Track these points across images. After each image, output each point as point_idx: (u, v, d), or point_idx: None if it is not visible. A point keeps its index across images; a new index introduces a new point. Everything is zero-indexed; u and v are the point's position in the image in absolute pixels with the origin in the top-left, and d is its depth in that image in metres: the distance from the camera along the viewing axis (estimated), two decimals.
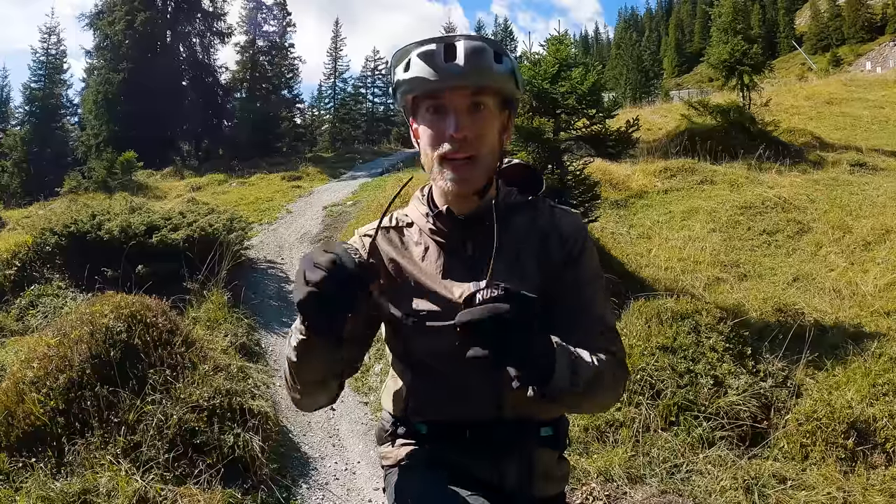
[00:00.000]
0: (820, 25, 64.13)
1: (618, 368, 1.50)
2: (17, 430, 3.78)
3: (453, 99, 1.44)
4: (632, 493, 3.95)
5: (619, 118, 8.20)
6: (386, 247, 1.59)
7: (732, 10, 16.55)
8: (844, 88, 24.60)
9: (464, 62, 1.40)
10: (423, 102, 1.49)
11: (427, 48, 1.42)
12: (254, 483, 3.98)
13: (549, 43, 7.80)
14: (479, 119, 1.46)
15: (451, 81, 1.42)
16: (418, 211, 1.62)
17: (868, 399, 4.57)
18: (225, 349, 5.50)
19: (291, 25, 34.09)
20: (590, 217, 7.36)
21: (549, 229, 1.57)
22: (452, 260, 1.54)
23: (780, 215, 9.54)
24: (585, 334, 1.47)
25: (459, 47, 1.41)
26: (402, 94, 1.52)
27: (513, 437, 1.46)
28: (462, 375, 1.46)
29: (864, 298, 6.68)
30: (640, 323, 5.48)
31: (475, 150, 1.45)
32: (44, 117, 30.69)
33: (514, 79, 1.49)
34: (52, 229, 7.56)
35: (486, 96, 1.47)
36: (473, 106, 1.45)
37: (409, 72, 1.45)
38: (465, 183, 1.46)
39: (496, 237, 1.40)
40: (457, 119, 1.43)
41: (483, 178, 1.50)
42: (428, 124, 1.49)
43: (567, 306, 1.50)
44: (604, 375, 1.42)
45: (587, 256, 1.56)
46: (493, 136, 1.51)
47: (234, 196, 15.47)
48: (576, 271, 1.54)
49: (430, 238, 1.57)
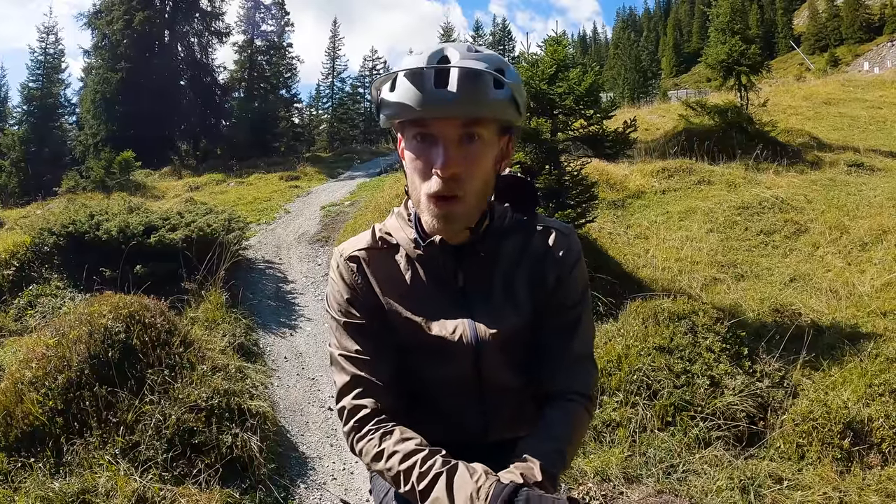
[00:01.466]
0: (818, 26, 64.24)
1: (585, 417, 1.50)
2: (16, 430, 3.79)
3: (442, 129, 1.31)
4: (628, 492, 3.97)
5: (617, 118, 8.22)
6: (374, 271, 1.51)
7: (730, 11, 16.53)
8: (842, 89, 24.62)
9: (456, 88, 1.26)
10: (410, 129, 1.37)
11: (416, 67, 1.29)
12: (252, 483, 3.99)
13: (546, 43, 7.80)
14: (471, 152, 1.34)
15: (439, 110, 1.28)
16: (405, 234, 1.52)
17: (864, 399, 4.58)
18: (223, 349, 5.50)
19: (290, 25, 34.16)
20: (587, 217, 7.37)
21: (543, 252, 1.53)
22: (443, 291, 1.50)
23: (777, 216, 9.56)
24: (567, 362, 1.49)
25: (452, 73, 1.27)
26: (386, 117, 1.38)
27: (496, 455, 1.44)
28: (451, 404, 1.50)
29: (860, 299, 6.69)
30: (636, 323, 5.49)
31: (463, 189, 1.34)
32: (42, 117, 30.59)
33: (514, 105, 1.35)
34: (51, 229, 7.56)
35: (481, 126, 1.33)
36: (466, 137, 1.33)
37: (395, 93, 1.32)
38: (449, 222, 1.37)
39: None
40: (445, 153, 1.31)
41: (472, 216, 1.41)
42: (414, 152, 1.37)
43: (553, 326, 1.51)
44: (576, 441, 1.46)
45: (575, 278, 1.54)
46: (487, 168, 1.40)
47: (232, 196, 15.47)
48: (565, 291, 1.52)
49: (418, 266, 1.50)
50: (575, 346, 1.50)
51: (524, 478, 1.26)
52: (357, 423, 1.42)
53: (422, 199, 1.38)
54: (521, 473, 1.27)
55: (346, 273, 1.51)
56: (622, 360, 5.04)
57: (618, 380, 4.88)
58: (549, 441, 1.36)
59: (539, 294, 1.51)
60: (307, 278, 8.52)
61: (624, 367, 4.96)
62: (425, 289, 1.49)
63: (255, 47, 33.07)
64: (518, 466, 1.30)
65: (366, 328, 1.48)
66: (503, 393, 1.52)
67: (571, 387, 1.47)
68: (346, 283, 1.51)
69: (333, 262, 1.55)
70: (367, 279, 1.50)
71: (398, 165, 18.36)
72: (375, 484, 1.59)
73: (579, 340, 1.51)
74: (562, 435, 1.38)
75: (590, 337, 1.56)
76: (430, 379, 1.50)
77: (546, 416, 1.43)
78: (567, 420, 1.42)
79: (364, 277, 1.50)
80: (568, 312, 1.52)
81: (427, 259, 1.49)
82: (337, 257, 1.54)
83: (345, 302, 1.50)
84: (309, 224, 11.56)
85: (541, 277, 1.51)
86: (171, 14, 29.92)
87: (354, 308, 1.49)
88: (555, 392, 1.47)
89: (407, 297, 1.49)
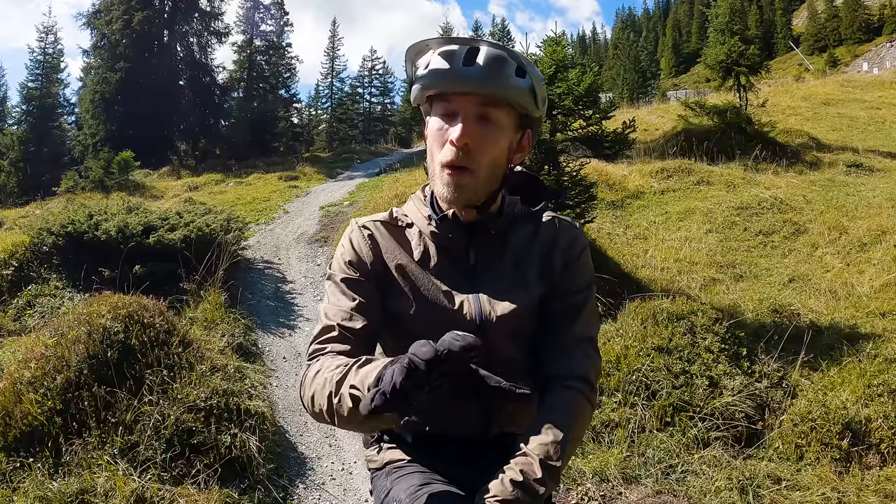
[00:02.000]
0: (817, 26, 64.25)
1: (586, 405, 1.48)
2: (15, 430, 3.79)
3: (462, 104, 1.41)
4: (627, 493, 3.97)
5: (616, 119, 8.24)
6: (386, 242, 1.56)
7: (729, 11, 16.55)
8: (841, 89, 24.66)
9: (481, 69, 1.37)
10: (437, 105, 1.47)
11: (449, 47, 1.41)
12: (251, 483, 3.99)
13: (545, 44, 7.82)
14: (485, 130, 1.42)
15: (462, 84, 1.39)
16: (419, 212, 1.58)
17: (863, 400, 4.60)
18: (222, 349, 5.50)
19: (289, 25, 34.02)
20: (586, 218, 7.38)
21: (552, 241, 1.57)
22: (453, 266, 1.53)
23: (776, 216, 9.57)
24: (569, 344, 1.50)
25: (482, 52, 1.38)
26: (419, 90, 1.48)
27: (496, 450, 1.45)
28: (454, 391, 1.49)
29: (859, 299, 6.70)
30: (635, 323, 5.50)
31: (474, 161, 1.42)
32: (41, 116, 30.53)
33: (532, 96, 1.45)
34: (50, 229, 7.55)
35: (498, 109, 1.43)
36: (482, 116, 1.42)
37: (427, 69, 1.43)
38: (458, 191, 1.44)
39: None
40: (463, 125, 1.40)
41: (480, 192, 1.47)
42: (436, 126, 1.47)
43: (557, 310, 1.53)
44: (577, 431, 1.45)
45: (582, 265, 1.57)
46: (499, 151, 1.47)
47: (231, 196, 15.44)
48: (571, 276, 1.55)
49: (430, 241, 1.55)
50: (577, 328, 1.52)
51: (524, 474, 1.27)
52: (312, 360, 1.43)
53: (437, 169, 1.46)
54: (521, 470, 1.28)
55: (356, 238, 1.57)
56: (621, 361, 5.04)
57: (616, 380, 4.89)
58: (549, 432, 1.36)
59: (548, 281, 1.54)
60: (306, 278, 8.52)
61: (623, 368, 4.96)
62: (435, 264, 1.53)
63: (255, 47, 32.97)
64: (518, 462, 1.31)
65: (360, 285, 1.51)
66: (506, 374, 1.50)
67: (571, 370, 1.48)
68: (354, 248, 1.56)
69: (346, 230, 1.61)
70: (378, 246, 1.56)
71: (397, 166, 18.40)
72: (376, 485, 1.59)
73: (581, 324, 1.53)
74: (562, 426, 1.38)
75: (593, 323, 1.58)
76: None
77: (546, 405, 1.43)
78: (567, 409, 1.42)
79: (374, 243, 1.56)
80: (573, 297, 1.55)
81: (440, 235, 1.53)
82: (352, 225, 1.61)
83: (346, 263, 1.54)
84: (308, 224, 11.56)
85: (550, 264, 1.55)
86: (171, 14, 29.84)
87: (354, 267, 1.53)
88: (554, 375, 1.48)
89: (415, 269, 1.53)
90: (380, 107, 42.79)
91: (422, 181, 1.61)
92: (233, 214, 9.58)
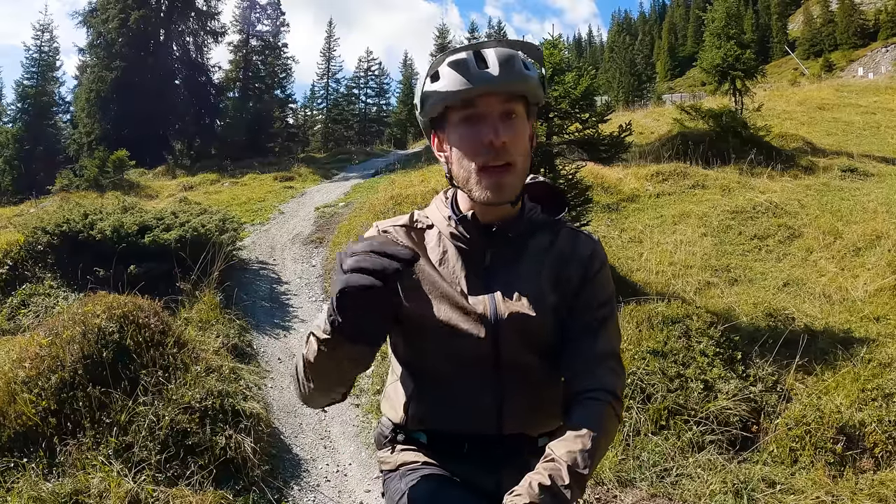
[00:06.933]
0: (812, 31, 64.40)
1: (612, 416, 1.47)
2: (9, 430, 3.78)
3: (488, 105, 1.43)
4: (622, 496, 3.97)
5: (612, 122, 8.24)
6: (406, 238, 1.57)
7: (725, 15, 16.63)
8: (836, 94, 24.77)
9: (497, 69, 1.40)
10: (456, 113, 1.46)
11: (458, 57, 1.42)
12: (245, 484, 3.98)
13: (542, 47, 7.82)
14: (512, 126, 1.44)
15: (485, 88, 1.40)
16: (440, 213, 1.60)
17: (857, 404, 4.61)
18: (217, 350, 5.49)
19: (285, 25, 34.01)
20: (581, 221, 7.38)
21: (570, 252, 1.57)
22: (470, 267, 1.53)
23: (771, 220, 9.59)
24: (593, 360, 1.49)
25: (490, 54, 1.41)
26: (431, 105, 1.48)
27: (511, 450, 1.46)
28: (469, 388, 1.50)
29: (854, 304, 6.72)
30: (631, 327, 5.51)
31: (512, 157, 1.44)
32: (36, 115, 30.52)
33: (542, 85, 1.50)
34: (44, 228, 7.53)
35: (517, 104, 1.46)
36: (506, 113, 1.44)
37: (441, 82, 1.43)
38: (503, 190, 1.45)
39: None
40: (495, 125, 1.42)
41: (519, 185, 1.49)
42: (462, 135, 1.46)
43: (579, 326, 1.52)
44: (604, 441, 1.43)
45: (603, 280, 1.58)
46: (526, 142, 1.50)
47: (226, 196, 15.40)
48: (591, 291, 1.55)
49: (449, 242, 1.56)
50: (600, 344, 1.51)
51: (552, 479, 1.27)
52: None
53: (472, 175, 1.45)
54: (549, 475, 1.27)
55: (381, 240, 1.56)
56: None
57: None
58: (578, 441, 1.35)
59: (563, 289, 1.54)
60: (301, 279, 8.51)
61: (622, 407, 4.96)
62: (453, 264, 1.54)
63: (251, 47, 32.94)
64: (546, 467, 1.30)
65: None
66: (519, 376, 1.51)
67: (596, 385, 1.46)
68: None
69: (368, 233, 1.60)
70: None
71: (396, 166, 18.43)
72: (389, 487, 1.58)
73: (605, 339, 1.52)
74: (589, 434, 1.37)
75: (616, 339, 1.58)
76: (446, 354, 1.49)
77: (572, 416, 1.42)
78: (594, 419, 1.41)
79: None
80: (595, 312, 1.54)
81: (458, 235, 1.55)
82: (373, 229, 1.61)
83: None
84: (303, 225, 11.54)
85: (564, 276, 1.55)
86: (167, 13, 29.76)
87: None
88: (580, 390, 1.47)
89: (433, 269, 1.54)
90: (375, 108, 42.86)
91: (417, 182, 1.60)
92: (228, 215, 9.58)
